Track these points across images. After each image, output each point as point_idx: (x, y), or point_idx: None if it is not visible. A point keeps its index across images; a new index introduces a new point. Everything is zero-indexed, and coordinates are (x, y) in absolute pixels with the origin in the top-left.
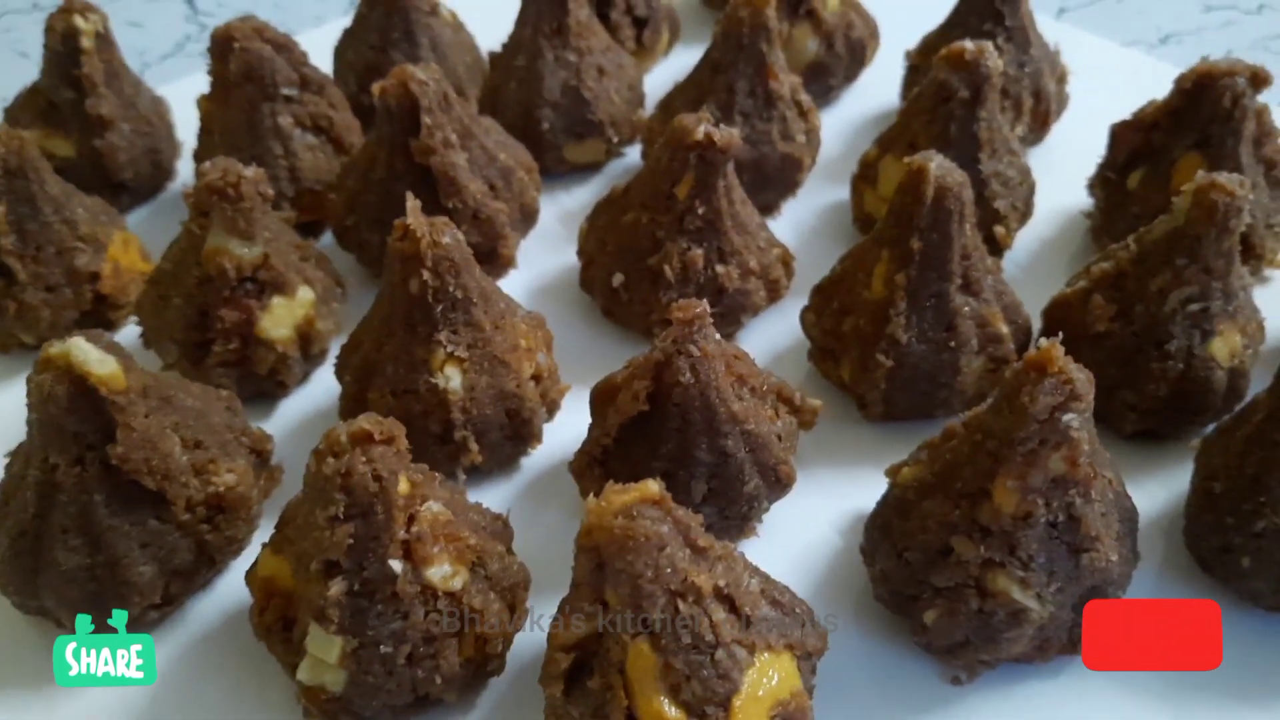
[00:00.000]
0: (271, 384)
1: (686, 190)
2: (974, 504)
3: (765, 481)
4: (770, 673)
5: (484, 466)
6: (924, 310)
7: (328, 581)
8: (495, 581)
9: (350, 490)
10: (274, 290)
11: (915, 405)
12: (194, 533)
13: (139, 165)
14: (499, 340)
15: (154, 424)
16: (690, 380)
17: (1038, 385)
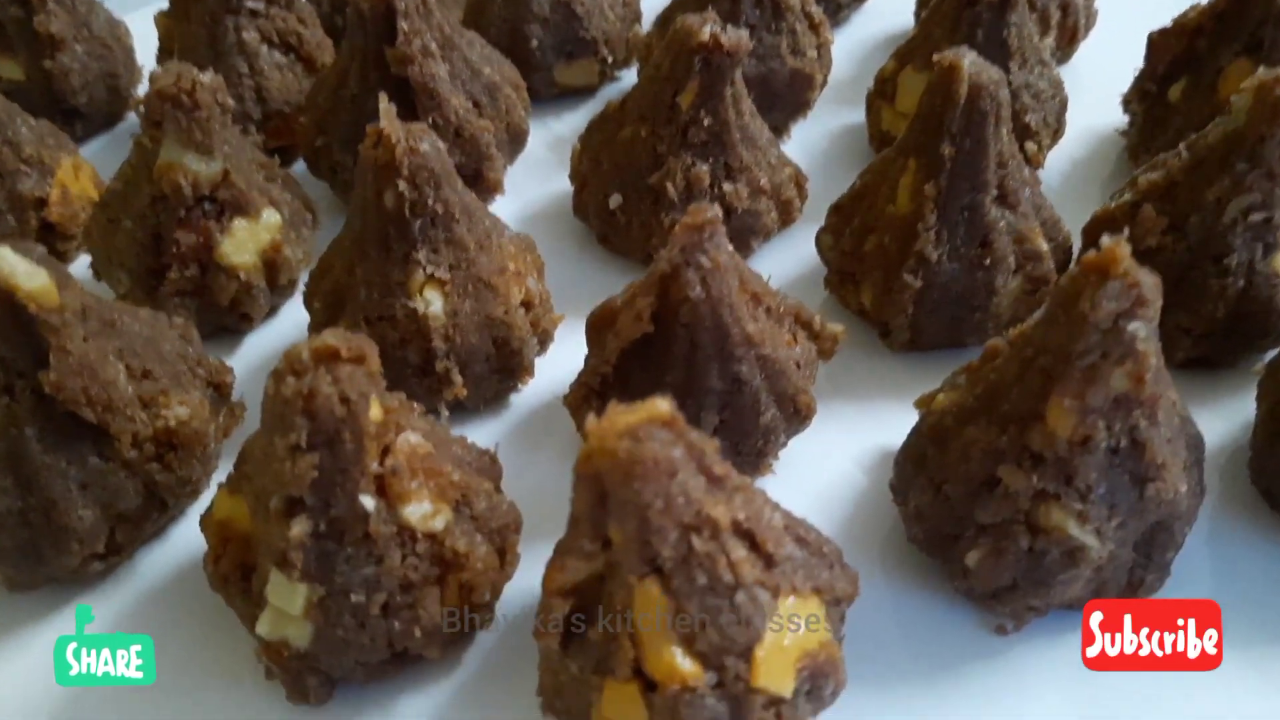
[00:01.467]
0: (234, 317)
1: (690, 99)
2: (1024, 429)
3: (783, 413)
4: (796, 619)
5: (469, 402)
6: (956, 225)
7: (289, 521)
8: (482, 522)
9: (314, 414)
10: (235, 211)
11: (944, 332)
12: (142, 472)
13: (94, 90)
14: (484, 262)
15: (94, 349)
16: (701, 295)
17: (1099, 290)
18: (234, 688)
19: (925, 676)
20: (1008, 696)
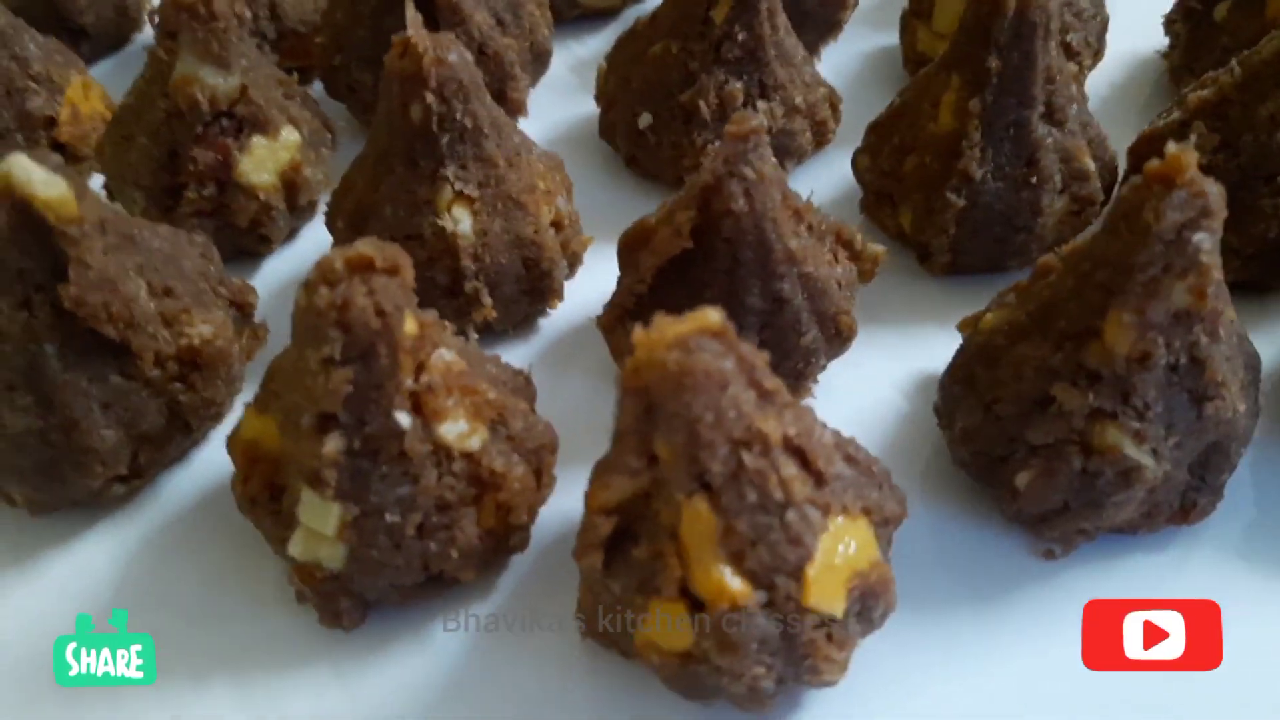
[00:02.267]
0: (253, 239)
1: (724, 13)
2: (1080, 345)
3: (824, 334)
4: (847, 539)
5: (497, 325)
6: (1001, 142)
7: (322, 438)
8: (518, 442)
9: (348, 326)
10: (254, 129)
11: (986, 254)
12: (165, 392)
13: (100, 8)
14: (514, 179)
15: (114, 263)
16: (744, 208)
17: (1164, 200)
18: (263, 613)
19: (970, 603)
20: (1056, 623)
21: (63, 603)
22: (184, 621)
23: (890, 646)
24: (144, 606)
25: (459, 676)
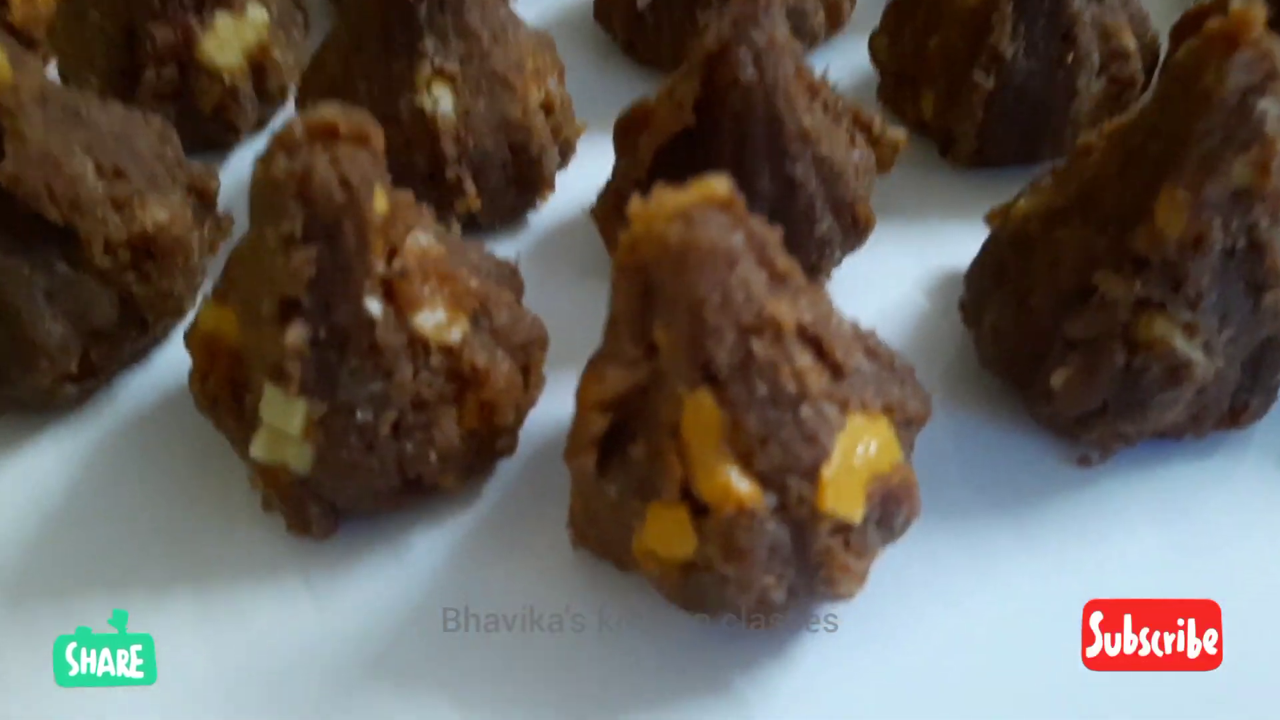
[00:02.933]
0: (219, 127)
1: None
2: (1126, 228)
3: (839, 223)
4: (867, 439)
5: (482, 216)
6: (1035, 16)
7: (285, 326)
8: (503, 336)
9: (310, 199)
10: (217, 4)
11: (1016, 142)
12: (117, 282)
13: None
14: (499, 55)
15: (56, 139)
16: (754, 77)
17: (1227, 61)
18: (228, 522)
19: (999, 511)
20: (1092, 534)
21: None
22: (143, 532)
23: (913, 558)
24: (99, 517)
25: (438, 588)
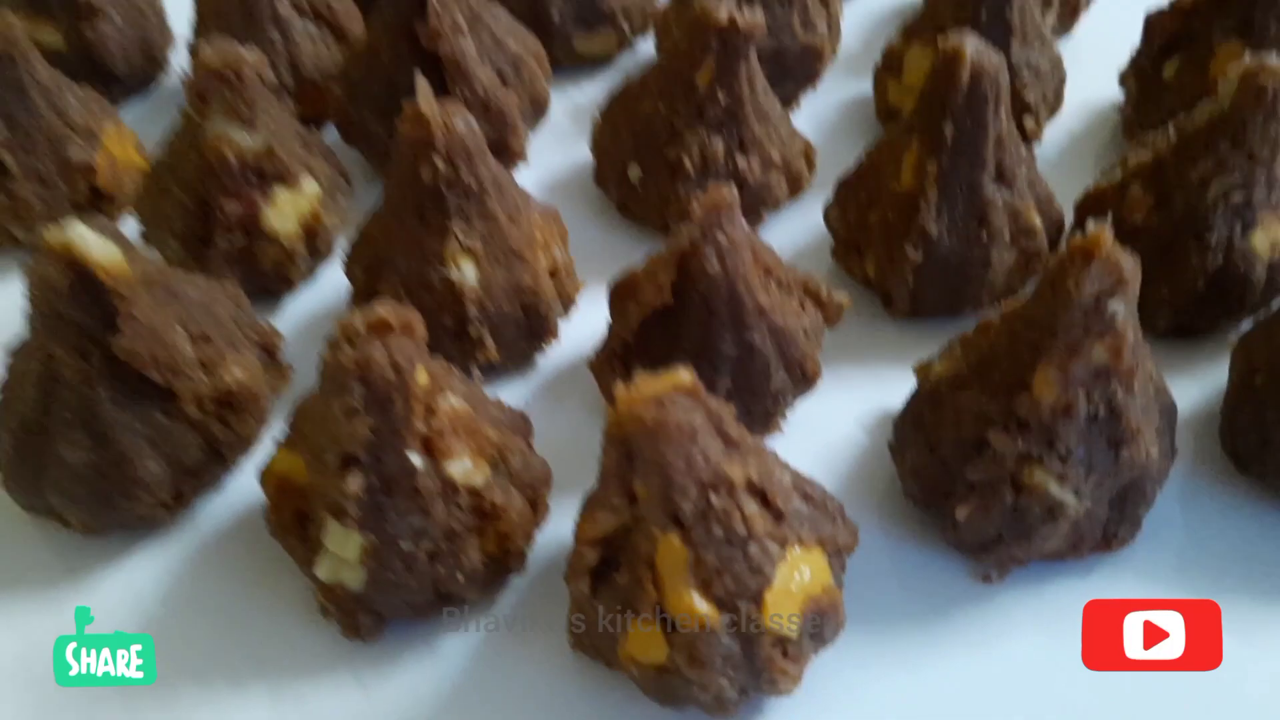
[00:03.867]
0: (276, 281)
1: (708, 77)
2: (1012, 396)
3: (791, 377)
4: (802, 567)
5: (500, 364)
6: (955, 201)
7: (346, 476)
8: (517, 477)
9: (368, 380)
10: (278, 181)
11: (943, 301)
12: (203, 429)
13: (131, 56)
14: (514, 233)
15: (159, 315)
16: (717, 270)
17: (1084, 271)
18: (290, 625)
19: (919, 620)
20: (992, 638)
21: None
22: (220, 631)
23: (843, 660)
24: (183, 617)
25: (464, 681)
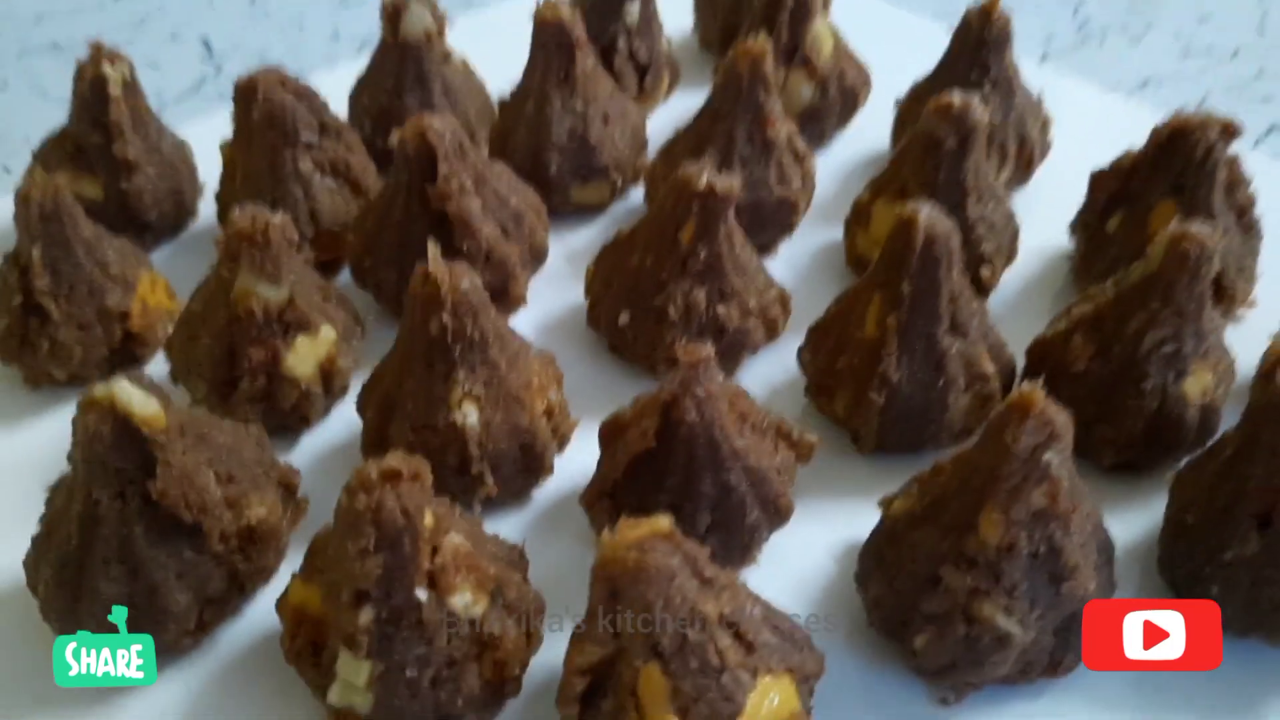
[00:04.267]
0: (295, 418)
1: (690, 235)
2: (961, 536)
3: (765, 513)
4: (771, 694)
5: (498, 498)
6: (914, 350)
7: (358, 610)
8: (512, 608)
9: (380, 524)
10: (298, 329)
11: (906, 439)
12: (227, 562)
13: (163, 206)
14: (513, 378)
15: (190, 460)
16: (696, 419)
17: (1020, 426)
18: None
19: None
20: None
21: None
22: None
23: None
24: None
25: None
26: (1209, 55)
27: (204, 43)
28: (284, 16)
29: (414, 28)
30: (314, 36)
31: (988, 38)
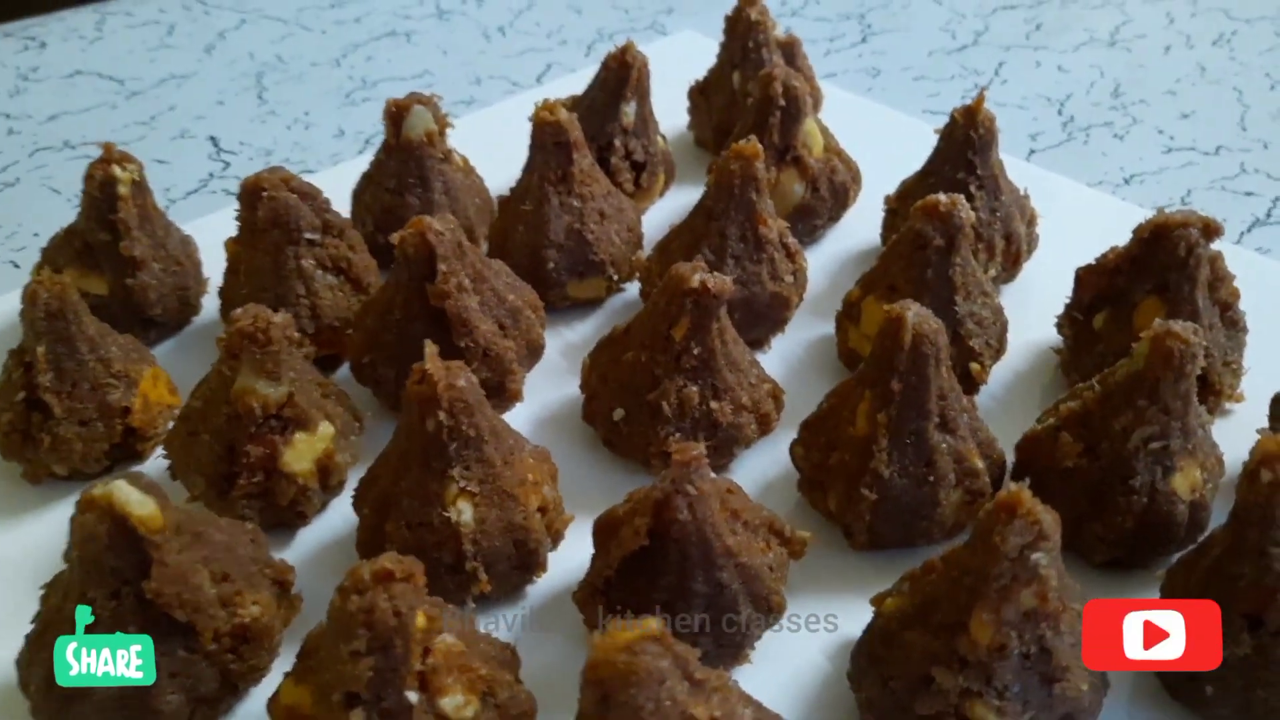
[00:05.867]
0: (291, 514)
1: (683, 332)
2: (953, 636)
3: (758, 610)
4: None
5: (492, 594)
6: (904, 447)
7: (349, 712)
8: (504, 710)
9: (372, 625)
10: (297, 426)
11: (898, 534)
12: (219, 662)
13: (167, 302)
14: (508, 475)
15: (185, 559)
16: (688, 518)
17: (1008, 526)
18: None
19: None
20: None
21: None
22: None
23: None
24: None
25: None
26: (1192, 151)
27: (212, 140)
28: (290, 114)
29: (415, 129)
30: (319, 134)
31: (974, 136)
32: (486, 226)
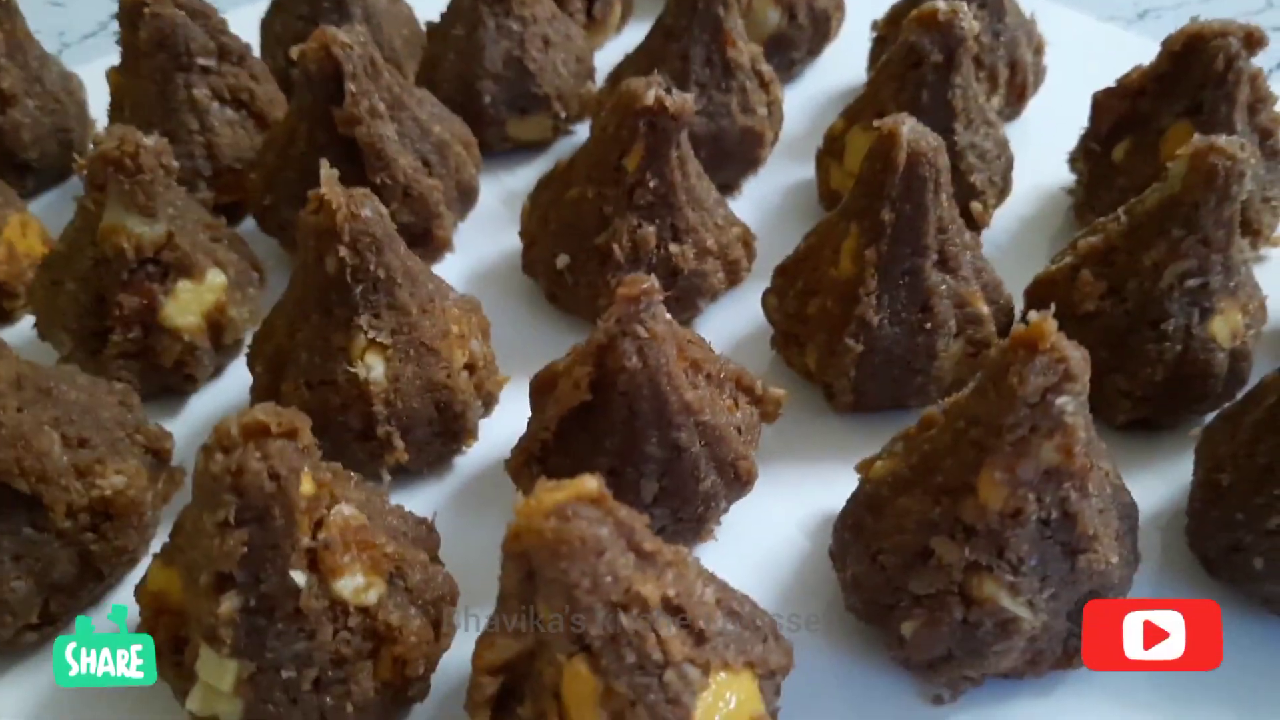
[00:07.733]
0: (178, 378)
1: (636, 161)
2: (956, 500)
3: (723, 479)
4: (728, 695)
5: (411, 466)
6: (897, 289)
7: (219, 597)
8: (416, 594)
9: (242, 491)
10: (179, 273)
11: (887, 394)
12: (76, 542)
13: (45, 144)
14: (427, 325)
15: (28, 419)
16: (637, 365)
17: (1027, 365)
18: None
19: None
20: None
21: None
22: None
23: None
24: None
25: None
26: None
27: None
28: None
29: None
30: None
31: None
32: (416, 62)
